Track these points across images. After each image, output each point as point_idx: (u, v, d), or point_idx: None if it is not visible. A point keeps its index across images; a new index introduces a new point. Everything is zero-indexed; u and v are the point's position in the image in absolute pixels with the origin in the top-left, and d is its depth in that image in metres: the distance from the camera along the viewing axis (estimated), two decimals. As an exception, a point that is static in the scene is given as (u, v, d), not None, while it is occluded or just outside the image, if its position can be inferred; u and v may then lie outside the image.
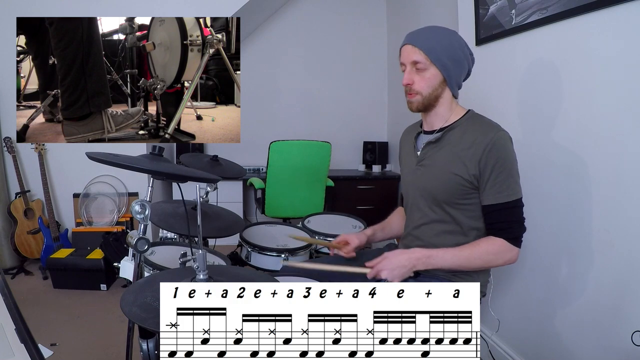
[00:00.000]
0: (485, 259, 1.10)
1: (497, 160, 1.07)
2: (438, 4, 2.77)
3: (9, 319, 0.71)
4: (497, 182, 1.08)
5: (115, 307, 2.16)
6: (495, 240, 1.09)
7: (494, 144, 1.07)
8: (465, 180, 1.11)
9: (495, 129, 1.11)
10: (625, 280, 1.22)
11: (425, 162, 1.20)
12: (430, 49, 1.10)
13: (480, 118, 1.17)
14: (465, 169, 1.10)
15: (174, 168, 1.10)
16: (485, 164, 1.08)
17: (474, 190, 1.12)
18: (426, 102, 1.15)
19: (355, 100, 3.85)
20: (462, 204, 1.14)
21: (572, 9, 1.34)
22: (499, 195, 1.08)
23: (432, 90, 1.14)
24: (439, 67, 1.11)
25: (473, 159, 1.09)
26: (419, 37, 1.12)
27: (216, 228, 1.38)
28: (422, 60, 1.11)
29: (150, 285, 0.85)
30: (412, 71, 1.14)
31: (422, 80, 1.13)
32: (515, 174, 1.10)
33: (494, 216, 1.10)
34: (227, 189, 3.16)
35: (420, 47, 1.10)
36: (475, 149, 1.09)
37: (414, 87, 1.14)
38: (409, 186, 1.27)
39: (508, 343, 1.72)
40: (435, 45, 1.10)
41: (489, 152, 1.07)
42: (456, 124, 1.16)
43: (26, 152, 2.80)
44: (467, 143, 1.11)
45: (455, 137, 1.15)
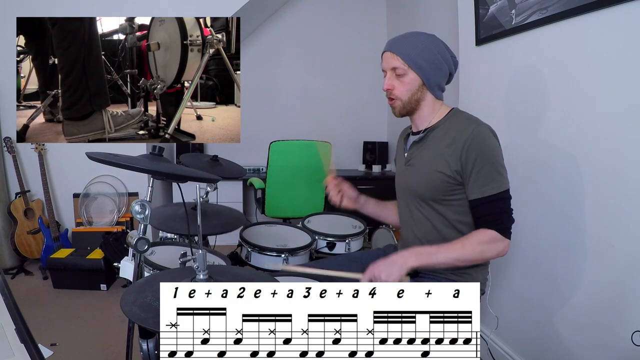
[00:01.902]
0: (478, 250, 1.09)
1: (478, 154, 1.09)
2: (438, 4, 2.77)
3: (9, 319, 0.71)
4: (480, 175, 1.09)
5: (115, 307, 2.15)
6: (486, 231, 1.10)
7: (474, 138, 1.09)
8: (448, 176, 1.13)
9: (474, 123, 1.13)
10: (625, 280, 1.22)
11: (412, 161, 1.24)
12: (406, 55, 1.15)
13: (461, 114, 1.20)
14: (447, 166, 1.12)
15: (174, 168, 1.10)
16: (467, 158, 1.09)
17: (458, 186, 1.14)
18: (407, 107, 1.20)
19: (355, 100, 3.85)
20: (448, 199, 1.16)
21: (572, 9, 1.34)
22: (484, 188, 1.09)
23: (411, 94, 1.18)
24: (416, 71, 1.16)
25: (454, 155, 1.11)
26: (396, 44, 1.17)
27: (217, 225, 1.38)
28: (400, 65, 1.15)
29: (150, 285, 0.85)
30: (392, 77, 1.18)
31: (401, 85, 1.17)
32: (499, 166, 1.11)
33: (482, 210, 1.11)
34: (227, 189, 3.17)
35: (397, 54, 1.15)
36: (456, 145, 1.11)
37: (394, 92, 1.19)
38: (399, 185, 1.31)
39: (508, 343, 1.72)
40: (411, 50, 1.15)
41: (469, 146, 1.09)
42: (439, 123, 1.20)
43: (26, 152, 2.80)
44: (448, 140, 1.14)
45: (438, 136, 1.18)
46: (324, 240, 1.68)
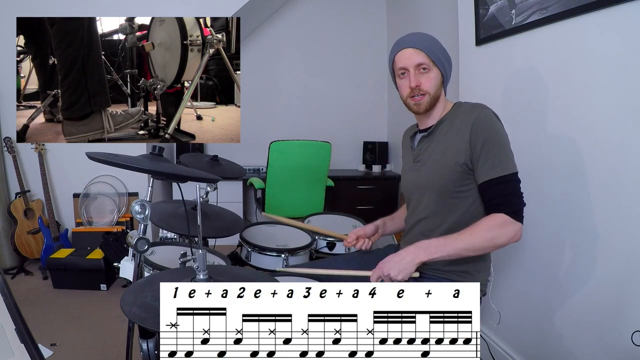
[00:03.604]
0: (489, 236, 1.06)
1: (487, 135, 1.09)
2: (438, 4, 2.77)
3: (9, 319, 0.71)
4: (489, 156, 1.09)
5: (115, 307, 2.16)
6: (496, 215, 1.07)
7: (480, 120, 1.10)
8: (460, 165, 1.12)
9: (479, 107, 1.15)
10: (625, 280, 1.22)
11: (421, 157, 1.23)
12: (431, 51, 1.16)
13: (464, 104, 1.21)
14: (458, 152, 1.13)
15: (174, 168, 1.10)
16: (476, 140, 1.10)
17: (470, 175, 1.13)
18: (432, 102, 1.19)
19: (355, 100, 3.85)
20: (461, 191, 1.15)
21: (572, 9, 1.34)
22: (493, 170, 1.08)
23: (436, 89, 1.18)
24: (439, 68, 1.17)
25: (463, 139, 1.12)
26: (418, 40, 1.17)
27: (216, 228, 1.38)
28: (426, 61, 1.15)
29: (150, 285, 0.85)
30: (417, 73, 1.17)
31: (428, 81, 1.17)
32: (506, 148, 1.11)
33: (491, 192, 1.09)
34: (227, 189, 3.16)
35: (423, 49, 1.15)
36: (464, 130, 1.12)
37: (423, 88, 1.17)
38: (409, 184, 1.29)
39: (508, 343, 1.72)
40: (433, 47, 1.16)
41: (477, 129, 1.10)
42: (445, 117, 1.21)
43: (26, 152, 2.80)
44: (455, 128, 1.15)
45: (445, 128, 1.19)
46: (324, 240, 1.68)
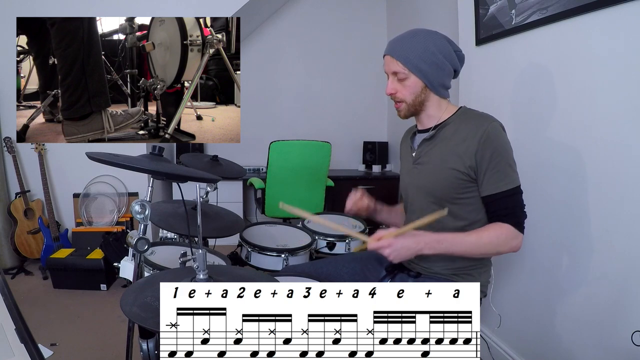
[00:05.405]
0: (494, 244, 1.09)
1: (494, 150, 1.08)
2: (438, 4, 2.77)
3: (9, 319, 0.71)
4: (495, 170, 1.09)
5: (115, 307, 2.16)
6: (503, 225, 1.09)
7: (489, 134, 1.09)
8: (462, 173, 1.12)
9: (488, 119, 1.13)
10: (625, 281, 1.22)
11: (422, 159, 1.21)
12: (406, 59, 1.13)
13: (472, 112, 1.19)
14: (461, 162, 1.11)
15: (174, 168, 1.10)
16: (482, 155, 1.09)
17: (471, 184, 1.13)
18: (412, 109, 1.19)
19: (355, 100, 3.85)
20: (461, 198, 1.14)
21: (572, 9, 1.34)
22: (499, 184, 1.09)
23: (415, 97, 1.17)
24: (417, 75, 1.14)
25: (468, 151, 1.10)
26: (395, 46, 1.15)
27: (216, 228, 1.38)
28: (401, 70, 1.14)
29: (150, 285, 0.85)
30: (394, 81, 1.17)
31: (404, 89, 1.16)
32: (512, 162, 1.11)
33: (497, 204, 1.11)
34: (227, 189, 3.16)
35: (397, 58, 1.14)
36: (470, 141, 1.10)
37: (397, 96, 1.18)
38: (408, 186, 1.28)
39: (508, 343, 1.72)
40: (410, 53, 1.12)
41: (484, 142, 1.09)
42: (449, 120, 1.18)
43: (26, 152, 2.80)
44: (461, 136, 1.13)
45: (449, 133, 1.16)
46: (324, 240, 1.68)
